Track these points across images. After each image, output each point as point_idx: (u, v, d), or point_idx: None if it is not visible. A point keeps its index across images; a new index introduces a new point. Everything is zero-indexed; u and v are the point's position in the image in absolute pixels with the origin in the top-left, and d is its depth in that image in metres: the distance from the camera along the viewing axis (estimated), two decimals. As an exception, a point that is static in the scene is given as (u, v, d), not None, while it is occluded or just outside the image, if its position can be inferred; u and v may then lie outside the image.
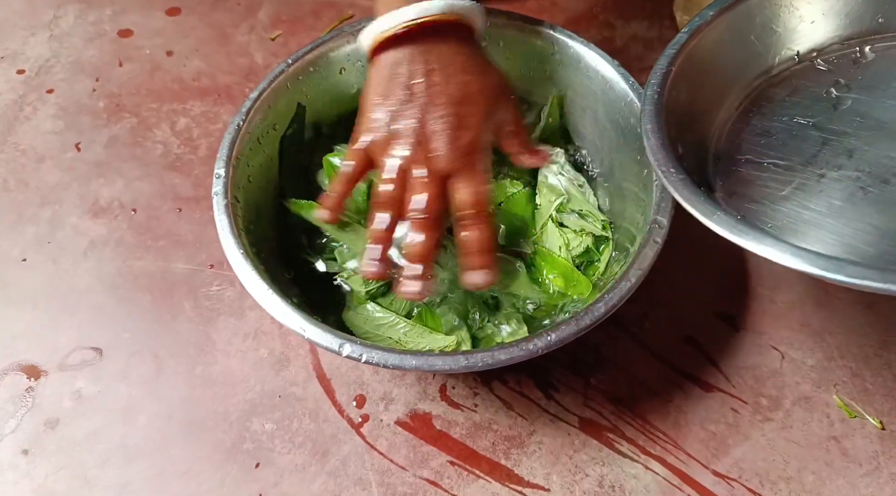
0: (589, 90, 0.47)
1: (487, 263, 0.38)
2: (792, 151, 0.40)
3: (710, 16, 0.41)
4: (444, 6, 0.38)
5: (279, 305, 0.38)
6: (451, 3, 0.38)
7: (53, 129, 0.58)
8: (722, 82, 0.43)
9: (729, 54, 0.43)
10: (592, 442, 0.42)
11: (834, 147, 0.40)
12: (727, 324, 0.46)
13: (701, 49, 0.42)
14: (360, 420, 0.43)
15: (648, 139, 0.38)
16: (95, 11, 0.67)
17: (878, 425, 0.42)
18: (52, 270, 0.50)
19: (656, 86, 0.40)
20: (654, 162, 0.37)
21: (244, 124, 0.44)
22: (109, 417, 0.44)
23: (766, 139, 0.41)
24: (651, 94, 0.40)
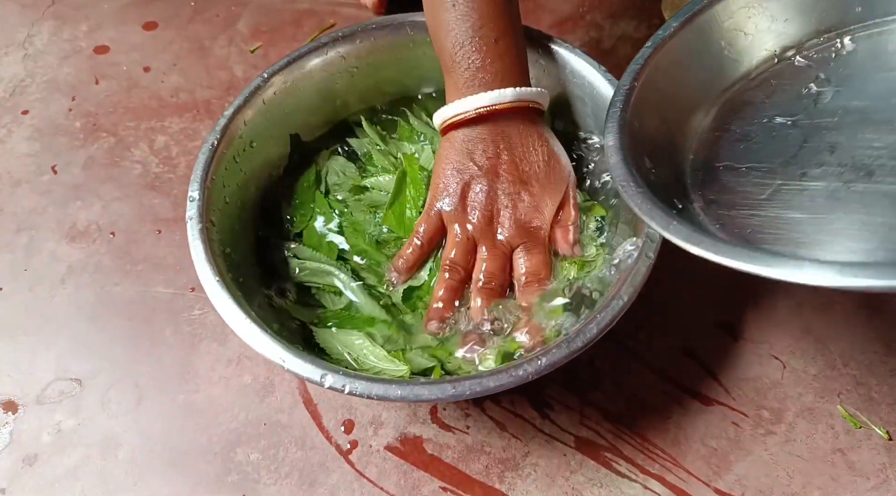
0: (576, 96, 0.46)
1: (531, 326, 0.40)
2: (772, 153, 0.39)
3: (674, 27, 0.40)
4: (516, 95, 0.41)
5: (258, 336, 0.36)
6: (521, 92, 0.41)
7: (29, 151, 0.57)
8: (693, 93, 0.42)
9: (698, 64, 0.42)
10: (589, 462, 0.40)
11: (815, 144, 0.38)
12: (725, 333, 0.44)
13: (667, 61, 0.40)
14: (349, 446, 0.42)
15: (610, 156, 0.37)
16: (70, 28, 0.65)
17: (885, 436, 0.40)
18: (29, 299, 0.49)
19: (619, 103, 0.39)
20: (614, 177, 0.36)
21: (219, 143, 0.43)
22: (89, 451, 0.42)
23: (745, 144, 0.40)
24: (614, 112, 0.38)
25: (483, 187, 0.41)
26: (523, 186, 0.41)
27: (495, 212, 0.41)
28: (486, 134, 0.41)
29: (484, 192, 0.41)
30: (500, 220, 0.41)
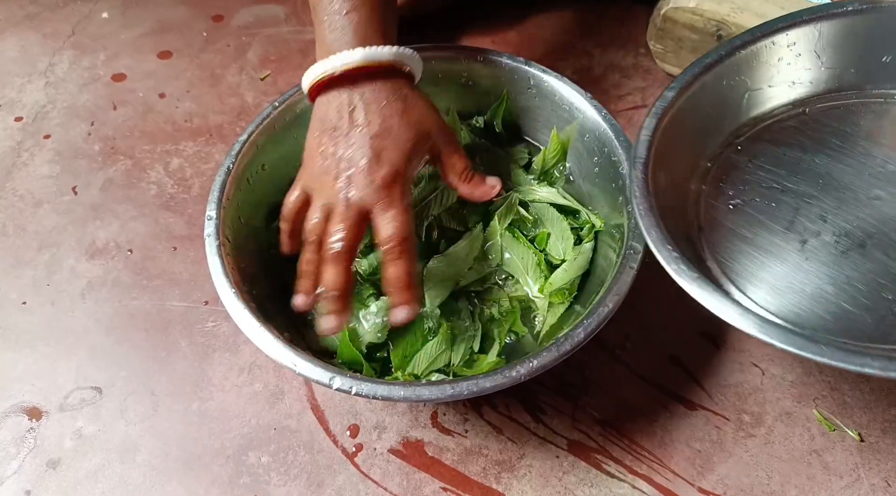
0: (565, 122, 0.49)
1: (408, 299, 0.39)
2: (771, 220, 0.42)
3: (671, 97, 0.43)
4: (364, 56, 0.40)
5: (271, 342, 0.39)
6: (372, 53, 0.40)
7: (50, 173, 0.60)
8: (691, 155, 0.45)
9: (693, 130, 0.45)
10: (581, 463, 0.43)
11: (807, 212, 0.42)
12: (708, 342, 0.47)
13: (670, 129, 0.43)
14: (354, 449, 0.44)
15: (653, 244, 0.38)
16: (89, 57, 0.69)
17: (857, 438, 0.43)
18: (51, 312, 0.52)
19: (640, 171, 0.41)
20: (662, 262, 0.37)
21: (234, 166, 0.46)
22: (109, 456, 0.45)
23: (742, 210, 0.43)
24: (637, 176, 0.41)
25: (333, 150, 0.40)
26: (373, 141, 0.39)
27: (341, 169, 0.40)
28: (342, 95, 0.40)
29: (334, 155, 0.40)
30: (350, 177, 0.39)
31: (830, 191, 0.43)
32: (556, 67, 0.65)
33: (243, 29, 0.71)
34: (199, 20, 0.72)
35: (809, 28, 0.45)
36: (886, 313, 0.38)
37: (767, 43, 0.45)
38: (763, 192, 0.44)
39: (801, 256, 0.41)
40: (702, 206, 0.44)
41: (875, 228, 0.41)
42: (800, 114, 0.47)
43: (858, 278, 0.39)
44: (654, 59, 0.63)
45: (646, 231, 0.38)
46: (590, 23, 0.68)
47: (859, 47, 0.45)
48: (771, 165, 0.45)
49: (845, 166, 0.44)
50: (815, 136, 0.45)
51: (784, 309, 0.39)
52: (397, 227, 0.39)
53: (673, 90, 0.43)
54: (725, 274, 0.41)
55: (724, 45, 0.45)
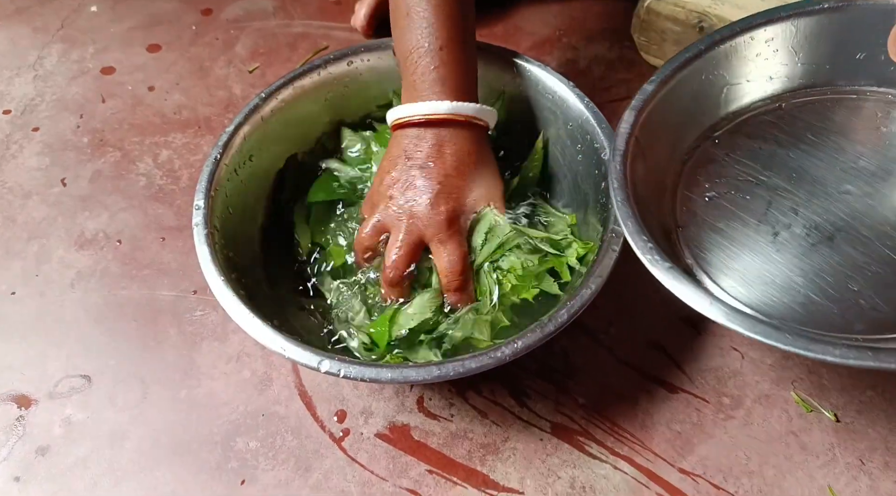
0: (549, 110, 0.50)
1: None
2: (745, 212, 0.44)
3: (650, 91, 0.44)
4: (450, 109, 0.43)
5: (259, 328, 0.40)
6: (457, 107, 0.44)
7: (39, 165, 0.60)
8: (669, 148, 0.46)
9: (672, 123, 0.46)
10: (564, 445, 0.44)
11: (779, 205, 0.43)
12: (690, 327, 0.48)
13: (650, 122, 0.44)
14: (341, 434, 0.45)
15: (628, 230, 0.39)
16: (78, 50, 0.69)
17: (833, 418, 0.44)
18: (41, 302, 0.52)
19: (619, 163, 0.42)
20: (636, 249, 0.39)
21: (221, 157, 0.46)
22: (98, 443, 0.45)
23: (717, 203, 0.44)
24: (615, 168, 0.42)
25: (406, 177, 0.44)
26: (445, 178, 0.43)
27: (409, 197, 0.43)
28: (423, 135, 0.44)
29: (405, 182, 0.44)
30: (415, 205, 0.43)
31: (803, 184, 0.44)
32: (542, 60, 0.66)
33: (232, 22, 0.71)
34: (188, 14, 0.72)
35: (787, 24, 0.46)
36: (852, 304, 0.39)
37: (746, 38, 0.46)
38: (738, 185, 0.45)
39: (772, 248, 0.42)
40: (678, 197, 0.45)
41: (844, 222, 0.42)
42: (776, 108, 0.48)
43: (827, 270, 0.41)
44: (639, 52, 0.63)
45: (622, 221, 0.39)
46: (575, 16, 0.69)
47: (834, 44, 0.46)
48: (746, 159, 0.46)
49: (818, 161, 0.45)
50: (790, 131, 0.46)
51: (755, 299, 0.40)
52: (455, 261, 0.43)
53: (653, 84, 0.44)
54: (699, 264, 0.42)
55: (703, 41, 0.46)
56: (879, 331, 0.38)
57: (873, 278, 0.40)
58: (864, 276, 0.40)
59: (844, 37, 0.46)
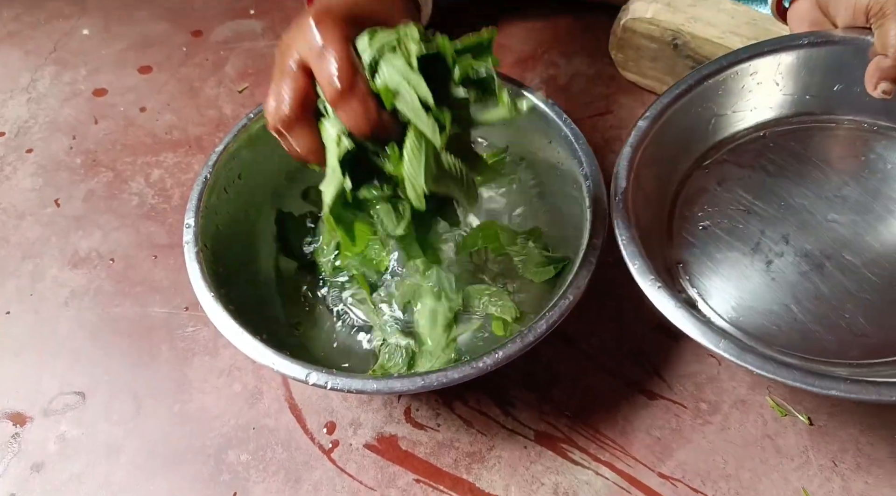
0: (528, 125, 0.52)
1: None
2: (739, 241, 0.46)
3: (644, 127, 0.46)
4: None
5: (250, 342, 0.41)
6: None
7: (33, 186, 0.62)
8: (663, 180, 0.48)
9: (665, 156, 0.48)
10: (547, 453, 0.45)
11: (771, 234, 0.46)
12: (667, 336, 0.50)
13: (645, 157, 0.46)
14: (331, 446, 0.46)
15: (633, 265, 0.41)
16: (71, 72, 0.71)
17: (807, 422, 0.45)
18: (35, 320, 0.53)
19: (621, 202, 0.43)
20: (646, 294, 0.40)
21: (211, 176, 0.48)
22: (93, 458, 0.46)
23: (711, 233, 0.46)
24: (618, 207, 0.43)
25: None
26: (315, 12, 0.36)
27: None
28: None
29: None
30: None
31: (792, 213, 0.46)
32: (525, 76, 0.68)
33: (221, 44, 0.73)
34: (179, 35, 0.74)
35: (770, 58, 0.49)
36: (846, 331, 0.42)
37: (732, 72, 0.49)
38: (730, 214, 0.47)
39: (767, 276, 0.44)
40: (674, 227, 0.47)
41: (832, 250, 0.44)
42: (761, 137, 0.50)
43: (820, 298, 0.43)
44: (617, 68, 0.65)
45: (628, 260, 0.41)
46: (556, 34, 0.71)
47: (814, 76, 0.49)
48: (737, 187, 0.48)
49: (805, 189, 0.47)
50: (775, 160, 0.49)
51: (755, 327, 0.42)
52: (337, 65, 0.34)
53: (646, 120, 0.46)
54: (700, 294, 0.44)
55: (692, 75, 0.48)
56: (873, 357, 0.41)
57: (864, 305, 0.42)
58: (854, 303, 0.42)
59: (823, 70, 0.48)
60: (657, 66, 0.62)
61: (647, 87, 0.64)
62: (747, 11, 0.57)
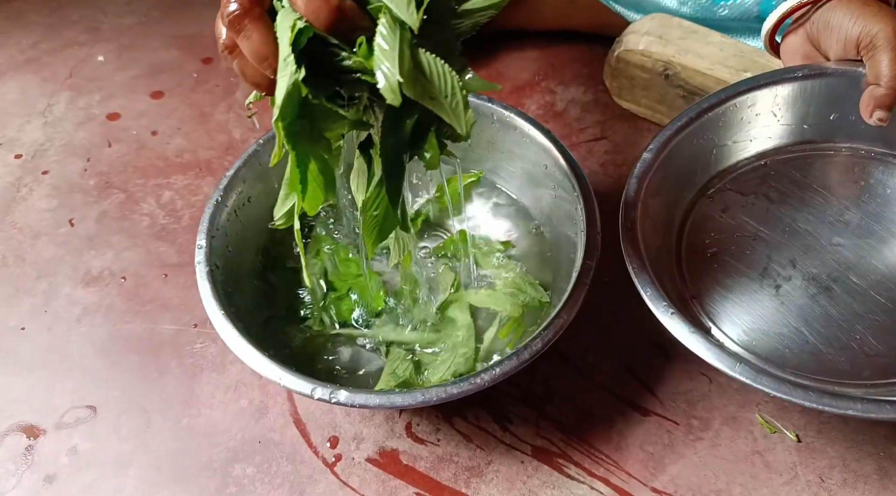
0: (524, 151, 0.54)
1: None
2: (747, 267, 0.48)
3: (649, 159, 0.48)
4: None
5: (257, 358, 0.43)
6: None
7: (48, 207, 0.64)
8: (669, 209, 0.50)
9: (670, 185, 0.50)
10: (544, 467, 0.46)
11: (778, 259, 0.48)
12: (660, 354, 0.51)
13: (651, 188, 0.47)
14: (334, 459, 0.47)
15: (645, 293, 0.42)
16: (85, 98, 0.73)
17: (795, 438, 0.47)
18: (48, 337, 0.55)
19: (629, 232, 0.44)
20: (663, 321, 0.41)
21: (222, 199, 0.50)
22: (103, 471, 0.47)
23: (720, 259, 0.48)
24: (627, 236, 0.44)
25: None
26: None
27: None
28: None
29: None
30: None
31: (797, 237, 0.48)
32: (522, 103, 0.71)
33: (231, 70, 0.75)
34: (190, 62, 0.77)
35: (767, 91, 0.51)
36: (857, 352, 0.43)
37: (731, 105, 0.51)
38: (737, 240, 0.49)
39: (776, 301, 0.46)
40: (683, 254, 0.49)
41: (839, 273, 0.46)
42: (762, 166, 0.52)
43: (830, 320, 0.45)
44: (612, 96, 0.68)
45: (640, 288, 0.43)
46: (552, 62, 0.74)
47: (810, 106, 0.51)
48: (742, 214, 0.50)
49: (807, 215, 0.49)
50: (777, 186, 0.51)
51: (768, 351, 0.44)
52: None
53: (651, 152, 0.48)
54: (711, 319, 0.46)
55: (693, 108, 0.50)
56: (886, 376, 0.42)
57: (873, 326, 0.44)
58: (864, 324, 0.44)
59: (819, 100, 0.51)
60: (649, 95, 0.64)
61: (640, 114, 0.67)
62: (735, 44, 0.60)
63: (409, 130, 0.33)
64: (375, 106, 0.33)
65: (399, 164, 0.34)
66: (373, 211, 0.35)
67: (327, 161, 0.34)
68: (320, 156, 0.33)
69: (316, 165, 0.33)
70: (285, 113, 0.31)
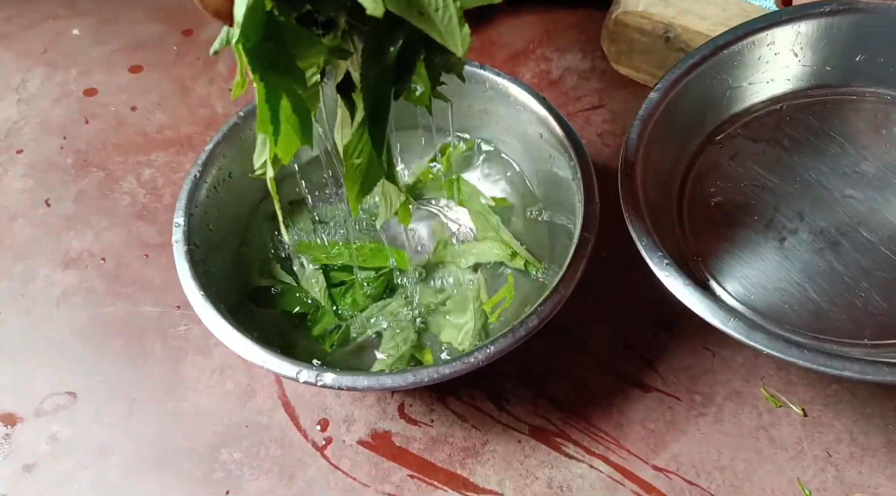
0: (519, 119, 0.52)
1: None
2: (752, 217, 0.45)
3: (656, 99, 0.45)
4: None
5: (240, 341, 0.41)
6: None
7: (24, 187, 0.61)
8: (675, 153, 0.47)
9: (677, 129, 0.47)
10: (541, 447, 0.45)
11: (785, 210, 0.45)
12: (662, 328, 0.50)
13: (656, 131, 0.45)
14: (324, 443, 0.46)
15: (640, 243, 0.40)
16: (61, 73, 0.70)
17: (801, 413, 0.45)
18: (27, 321, 0.53)
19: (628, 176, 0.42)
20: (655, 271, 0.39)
21: (200, 175, 0.48)
22: (85, 458, 0.46)
23: (725, 208, 0.46)
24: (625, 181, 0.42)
25: None
26: None
27: None
28: None
29: None
30: None
31: (808, 188, 0.45)
32: (517, 71, 0.68)
33: (213, 42, 0.72)
34: (170, 35, 0.74)
35: (789, 27, 0.47)
36: (860, 310, 0.41)
37: (748, 42, 0.47)
38: (743, 190, 0.46)
39: (780, 254, 0.43)
40: (685, 202, 0.46)
41: (849, 227, 0.44)
42: (777, 110, 0.49)
43: (834, 276, 0.42)
44: (610, 62, 0.65)
45: (636, 237, 0.40)
46: (548, 29, 0.71)
47: (835, 46, 0.47)
48: (751, 162, 0.47)
49: (821, 165, 0.46)
50: (792, 134, 0.48)
51: (765, 306, 0.42)
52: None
53: (658, 92, 0.45)
54: (709, 271, 0.43)
55: (707, 45, 0.47)
56: (887, 337, 0.40)
57: (880, 283, 0.41)
58: (870, 281, 0.42)
59: (845, 39, 0.47)
60: (649, 60, 0.61)
61: (640, 81, 0.64)
62: (738, 3, 0.57)
63: (393, 59, 0.29)
64: (355, 33, 0.30)
65: (384, 100, 0.30)
66: (355, 158, 0.31)
67: (301, 98, 0.29)
68: (293, 91, 0.29)
69: (289, 102, 0.29)
70: (247, 31, 0.27)
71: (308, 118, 0.30)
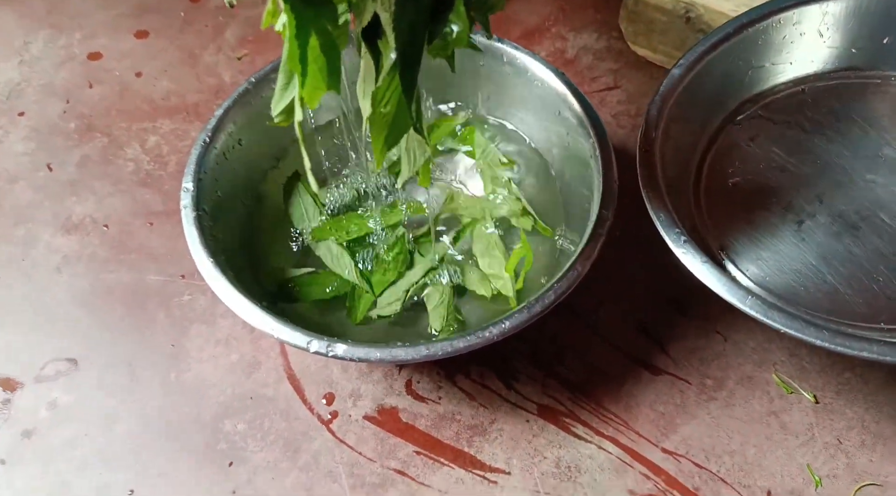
0: (536, 96, 0.51)
1: None
2: (770, 199, 0.44)
3: (678, 75, 0.44)
4: None
5: (249, 309, 0.40)
6: None
7: (25, 150, 0.60)
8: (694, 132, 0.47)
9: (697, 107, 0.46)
10: (550, 427, 0.44)
11: (805, 193, 0.44)
12: (675, 311, 0.49)
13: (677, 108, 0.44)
14: (330, 416, 0.45)
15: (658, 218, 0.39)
16: (65, 36, 0.69)
17: (813, 399, 0.45)
18: (27, 287, 0.52)
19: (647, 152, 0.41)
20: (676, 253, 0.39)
21: (210, 141, 0.46)
22: (85, 425, 0.45)
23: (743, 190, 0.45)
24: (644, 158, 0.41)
25: None
26: None
27: None
28: None
29: None
30: None
31: (828, 172, 0.45)
32: (531, 49, 0.67)
33: (220, 10, 0.71)
34: (177, 1, 0.72)
35: (816, 6, 0.46)
36: (877, 295, 0.40)
37: (774, 21, 0.46)
38: (762, 171, 0.45)
39: (797, 237, 0.43)
40: (703, 182, 0.46)
41: (869, 211, 0.43)
42: (799, 92, 0.48)
43: (852, 260, 0.42)
44: (626, 42, 0.64)
45: (653, 213, 0.40)
46: (564, 6, 0.69)
47: (862, 28, 0.46)
48: (771, 144, 0.46)
49: (842, 148, 0.45)
50: (813, 117, 0.47)
51: (782, 288, 0.41)
52: None
53: (680, 68, 0.44)
54: (726, 252, 0.43)
55: (731, 23, 0.46)
56: None
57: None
58: (888, 266, 0.41)
59: (872, 21, 0.46)
60: (667, 40, 0.60)
61: (657, 62, 0.63)
62: (761, -16, 0.56)
63: None
64: None
65: (417, 44, 0.29)
66: (383, 106, 0.30)
67: (331, 37, 0.28)
68: (323, 27, 0.28)
69: (317, 41, 0.28)
70: None
71: (337, 60, 0.29)
